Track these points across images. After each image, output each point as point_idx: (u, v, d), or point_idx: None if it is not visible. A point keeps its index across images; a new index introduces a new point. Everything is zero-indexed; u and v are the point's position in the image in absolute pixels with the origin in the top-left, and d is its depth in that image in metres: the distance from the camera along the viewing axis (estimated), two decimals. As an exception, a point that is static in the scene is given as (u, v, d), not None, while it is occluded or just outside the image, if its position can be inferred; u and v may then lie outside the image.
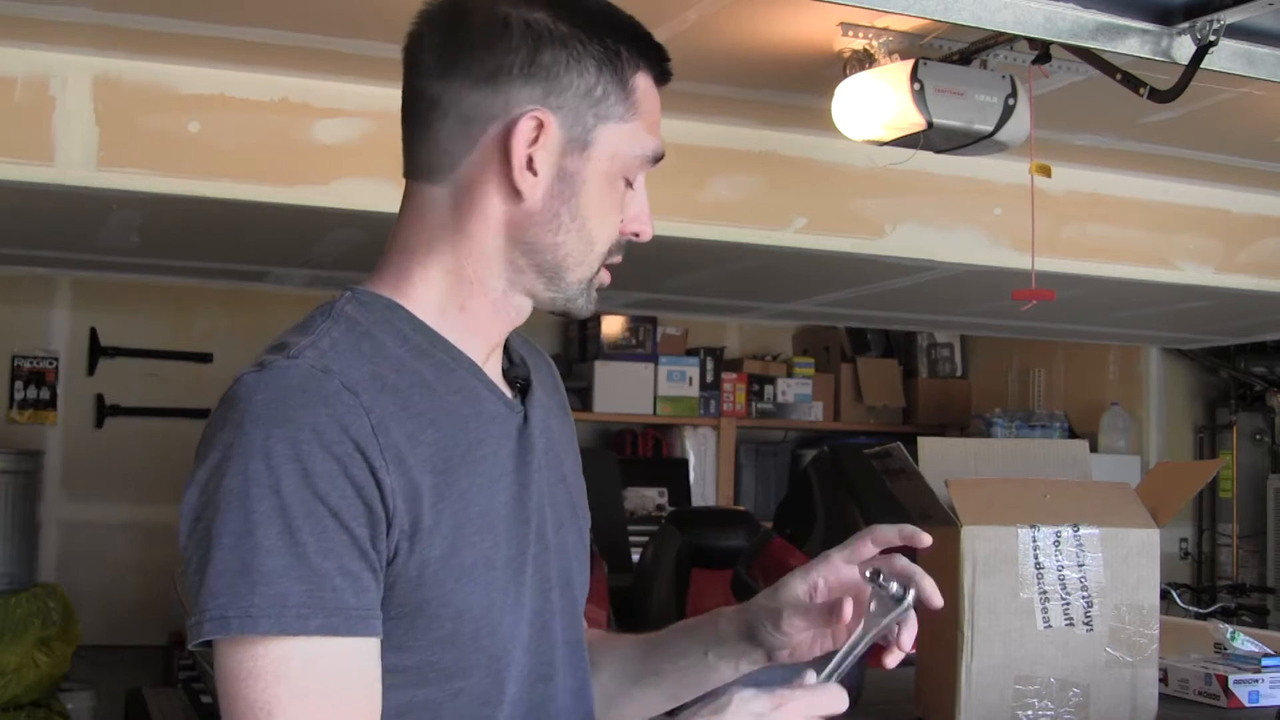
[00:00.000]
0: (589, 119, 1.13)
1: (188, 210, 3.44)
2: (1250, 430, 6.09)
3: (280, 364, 1.05)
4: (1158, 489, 2.14)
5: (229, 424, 1.04)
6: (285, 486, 1.00)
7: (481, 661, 1.10)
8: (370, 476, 1.03)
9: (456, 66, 1.13)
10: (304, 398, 1.03)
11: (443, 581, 1.07)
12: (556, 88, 1.12)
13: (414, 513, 1.05)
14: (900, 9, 2.15)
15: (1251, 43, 2.27)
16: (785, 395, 6.60)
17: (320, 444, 1.01)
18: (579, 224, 1.15)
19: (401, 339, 1.12)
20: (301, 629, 0.99)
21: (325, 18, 2.85)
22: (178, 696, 5.26)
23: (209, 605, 1.00)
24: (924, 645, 2.17)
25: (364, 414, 1.04)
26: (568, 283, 1.17)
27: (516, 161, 1.12)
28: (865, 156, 3.54)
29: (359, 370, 1.07)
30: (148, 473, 5.89)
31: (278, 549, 1.00)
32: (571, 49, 1.12)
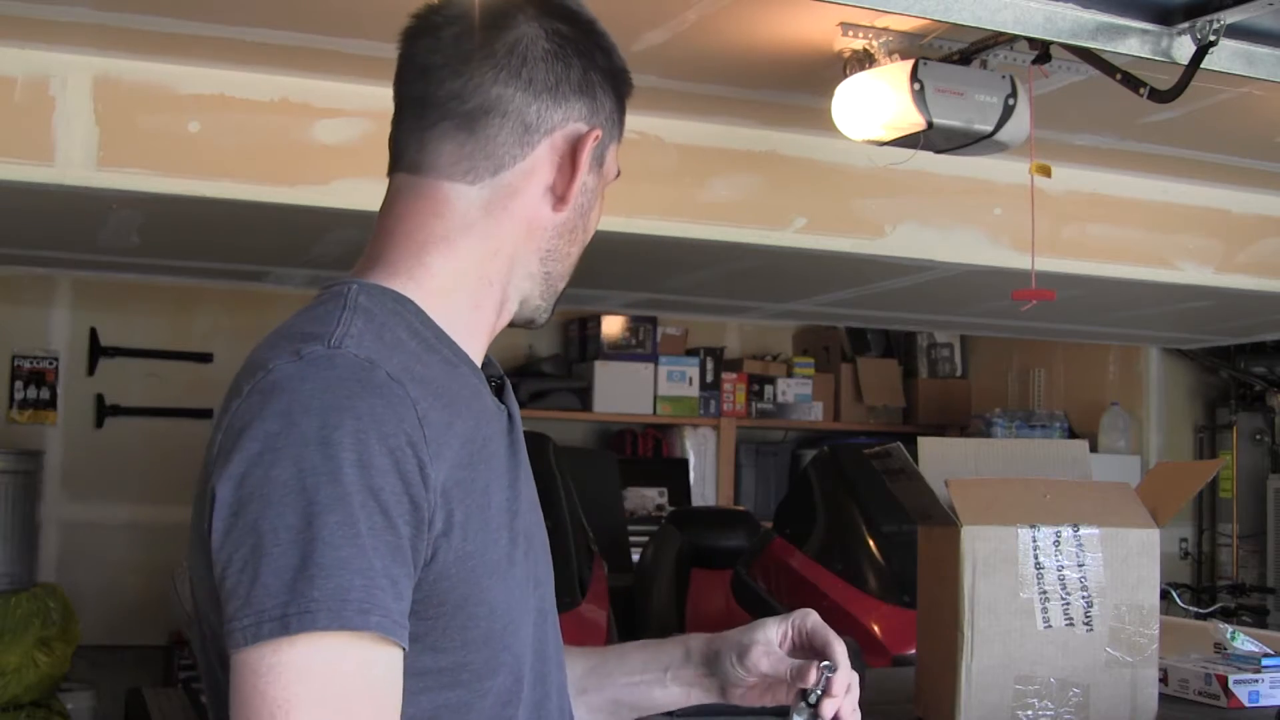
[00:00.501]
0: (608, 139, 1.18)
1: (188, 210, 3.44)
2: (1250, 430, 6.09)
3: (321, 352, 1.01)
4: (1158, 489, 2.14)
5: (270, 414, 0.98)
6: (345, 477, 0.95)
7: (508, 661, 1.09)
8: (418, 471, 0.99)
9: (520, 74, 1.12)
10: (357, 387, 0.99)
11: (479, 578, 1.05)
12: (596, 106, 1.16)
13: (449, 507, 1.02)
14: (900, 9, 2.15)
15: (1251, 43, 2.27)
16: (785, 395, 6.60)
17: (378, 435, 0.97)
18: (585, 236, 1.20)
19: (412, 332, 1.09)
20: (362, 624, 0.94)
21: (325, 18, 2.85)
22: (178, 696, 5.26)
23: (266, 605, 0.93)
24: (924, 645, 2.18)
25: (411, 405, 1.01)
26: (556, 291, 1.20)
27: (581, 174, 1.15)
28: (865, 156, 3.54)
29: (393, 361, 1.03)
30: (148, 473, 5.89)
31: (337, 541, 0.94)
32: (602, 70, 1.17)
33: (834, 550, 4.01)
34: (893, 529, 3.85)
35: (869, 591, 3.82)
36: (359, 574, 0.94)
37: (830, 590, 3.87)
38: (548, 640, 1.18)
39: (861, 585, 3.85)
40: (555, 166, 1.14)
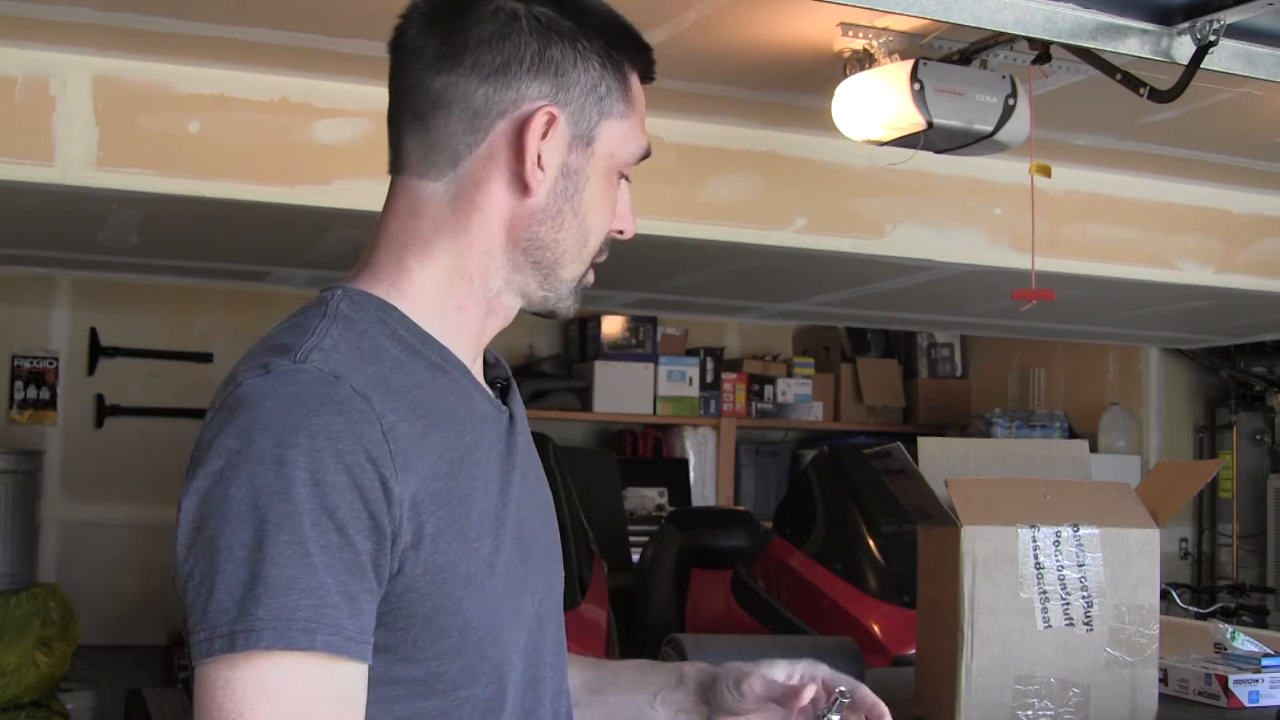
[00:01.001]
0: (593, 115, 1.13)
1: (188, 210, 3.44)
2: (1250, 430, 6.09)
3: (287, 368, 1.01)
4: (1158, 489, 2.14)
5: (233, 430, 0.99)
6: (296, 495, 0.96)
7: (486, 670, 1.08)
8: (380, 486, 0.99)
9: (464, 60, 1.10)
10: (316, 404, 0.99)
11: (450, 589, 1.04)
12: (564, 83, 1.11)
13: (418, 520, 1.02)
14: (900, 9, 2.15)
15: (1251, 43, 2.27)
16: (785, 395, 6.60)
17: (334, 453, 0.97)
18: (579, 220, 1.14)
19: (396, 339, 1.08)
20: (308, 644, 0.95)
21: (325, 18, 2.85)
22: (178, 696, 5.26)
23: (218, 622, 0.95)
24: (924, 645, 2.18)
25: (376, 420, 1.00)
26: (561, 280, 1.16)
27: (529, 156, 1.10)
28: (865, 156, 3.54)
29: (364, 373, 1.03)
30: (148, 473, 5.89)
31: (285, 560, 0.95)
32: (578, 45, 1.12)
33: (834, 550, 4.01)
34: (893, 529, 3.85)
35: (869, 591, 3.82)
36: (306, 594, 0.95)
37: (830, 590, 3.87)
38: (544, 645, 1.17)
39: (861, 585, 3.84)
40: (513, 151, 1.11)
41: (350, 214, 3.42)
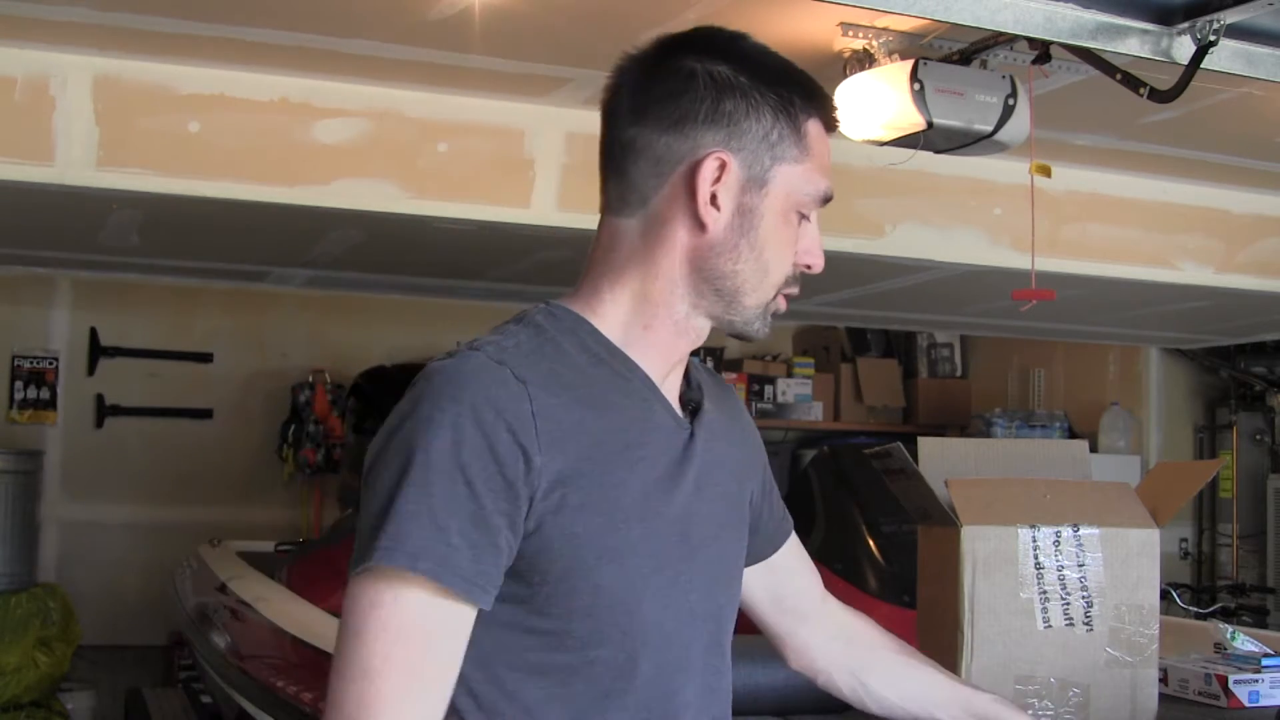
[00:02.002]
0: (766, 160, 1.27)
1: (188, 210, 3.44)
2: (1250, 430, 6.09)
3: (464, 353, 1.20)
4: (1158, 489, 2.14)
5: (410, 397, 1.18)
6: (435, 450, 1.13)
7: (615, 637, 1.21)
8: (519, 455, 1.15)
9: (649, 114, 1.26)
10: (473, 381, 1.17)
11: (584, 557, 1.18)
12: (737, 132, 1.26)
13: (563, 490, 1.17)
14: (900, 9, 2.15)
15: (1251, 43, 2.27)
16: (785, 395, 6.60)
17: (475, 420, 1.14)
18: (756, 254, 1.28)
19: (583, 348, 1.25)
20: (411, 565, 1.11)
21: (325, 18, 2.85)
22: (178, 696, 5.27)
23: (360, 542, 1.14)
24: (924, 645, 2.18)
25: (527, 400, 1.17)
26: (744, 306, 1.30)
27: (701, 197, 1.25)
28: (865, 156, 3.54)
29: (536, 367, 1.20)
30: (148, 473, 5.89)
31: (412, 497, 1.12)
32: (750, 98, 1.26)
33: (834, 550, 4.00)
34: (893, 529, 3.84)
35: (869, 591, 3.82)
36: (421, 528, 1.12)
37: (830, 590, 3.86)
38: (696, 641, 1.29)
39: (861, 585, 3.84)
40: (690, 192, 1.25)
41: (350, 214, 3.42)
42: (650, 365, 1.29)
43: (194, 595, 4.64)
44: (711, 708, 1.33)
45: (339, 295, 5.48)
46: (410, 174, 3.29)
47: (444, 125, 3.26)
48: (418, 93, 3.26)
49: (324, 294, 5.51)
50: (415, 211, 3.34)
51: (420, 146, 3.30)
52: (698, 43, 1.29)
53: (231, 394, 6.07)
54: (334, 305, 5.91)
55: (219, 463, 5.85)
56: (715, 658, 1.34)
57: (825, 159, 1.32)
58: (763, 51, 1.31)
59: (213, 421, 6.04)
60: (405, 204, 3.31)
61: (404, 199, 3.32)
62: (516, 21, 2.71)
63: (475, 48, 2.92)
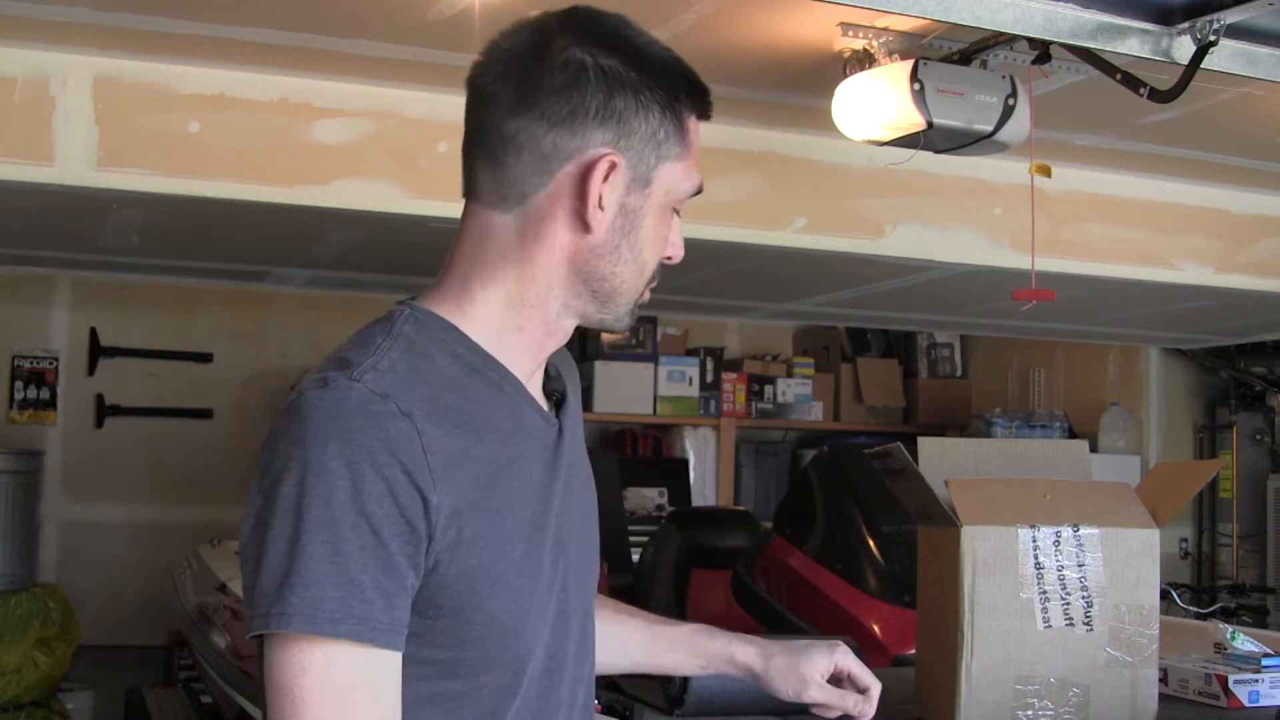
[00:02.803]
0: (651, 159, 1.23)
1: (188, 210, 3.44)
2: (1250, 430, 6.09)
3: (342, 384, 1.13)
4: (1158, 489, 2.14)
5: (291, 436, 1.11)
6: (336, 500, 1.08)
7: (506, 660, 1.20)
8: (417, 496, 1.11)
9: (534, 107, 1.19)
10: (360, 420, 1.11)
11: (478, 589, 1.16)
12: (626, 131, 1.21)
13: (457, 525, 1.14)
14: (900, 9, 2.15)
15: (1251, 43, 2.27)
16: (785, 395, 6.60)
17: (371, 465, 1.09)
18: (635, 254, 1.24)
19: (454, 357, 1.20)
20: (331, 632, 1.08)
21: (325, 18, 2.85)
22: (178, 696, 5.27)
23: (260, 603, 1.09)
24: (924, 645, 2.18)
25: (417, 437, 1.12)
26: (618, 305, 1.27)
27: (591, 199, 1.20)
28: (865, 156, 3.54)
29: (415, 393, 1.14)
30: (148, 473, 5.89)
31: (320, 556, 1.08)
32: (640, 95, 1.21)
33: (834, 550, 4.00)
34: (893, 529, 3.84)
35: (869, 591, 3.82)
36: (336, 587, 1.08)
37: (830, 590, 3.87)
38: (568, 637, 1.28)
39: (861, 585, 3.84)
40: (576, 193, 1.20)
41: (350, 214, 3.42)
42: (519, 367, 1.25)
43: (194, 595, 4.64)
44: (577, 696, 1.31)
45: (339, 295, 5.48)
46: (410, 174, 3.29)
47: (444, 125, 3.26)
48: (418, 93, 3.26)
49: (324, 294, 5.50)
50: (415, 211, 3.34)
51: (420, 146, 3.30)
52: (583, 29, 1.21)
53: (231, 394, 6.07)
54: (334, 305, 5.91)
55: (219, 463, 5.85)
56: (583, 649, 1.32)
57: (697, 152, 1.28)
58: (649, 43, 1.24)
59: (213, 421, 6.04)
60: (405, 204, 3.31)
61: (404, 199, 3.32)
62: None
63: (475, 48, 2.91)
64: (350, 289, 5.13)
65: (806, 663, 1.54)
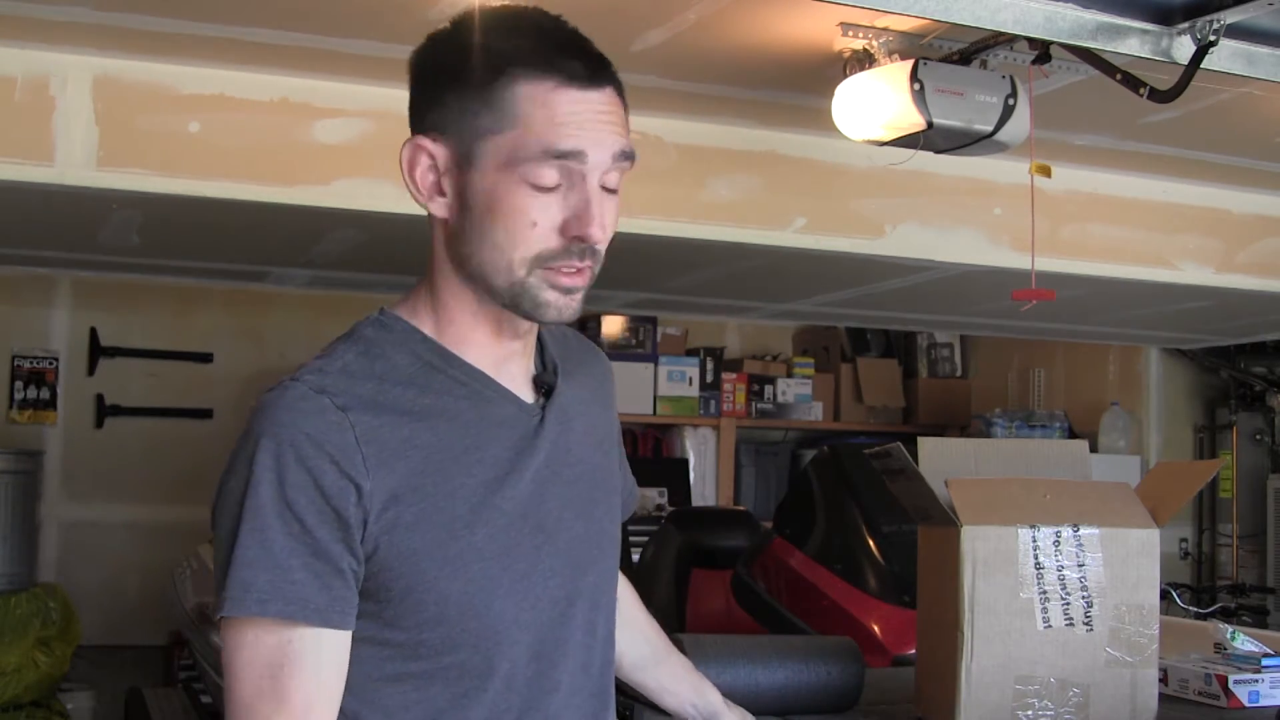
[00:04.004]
0: (468, 136, 1.22)
1: (188, 210, 3.44)
2: (1250, 430, 6.08)
3: (286, 384, 1.21)
4: (1158, 489, 2.14)
5: (243, 435, 1.22)
6: (262, 493, 1.16)
7: (469, 640, 1.23)
8: (347, 484, 1.17)
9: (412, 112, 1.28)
10: (290, 415, 1.18)
11: (424, 570, 1.20)
12: (444, 113, 1.23)
13: (395, 509, 1.19)
14: (900, 9, 2.15)
15: (1251, 43, 2.27)
16: (785, 395, 6.60)
17: (295, 457, 1.16)
18: (480, 233, 1.23)
19: (415, 356, 1.25)
20: (261, 611, 1.15)
21: (325, 18, 2.85)
22: (178, 696, 5.26)
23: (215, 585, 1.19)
24: (924, 645, 2.18)
25: (349, 429, 1.18)
26: (498, 289, 1.24)
27: (411, 186, 1.27)
28: (865, 156, 3.54)
29: (360, 388, 1.21)
30: (148, 473, 5.89)
31: (249, 543, 1.16)
32: (456, 73, 1.22)
33: (834, 550, 4.00)
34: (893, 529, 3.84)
35: (869, 591, 3.82)
36: (265, 570, 1.15)
37: (830, 590, 3.86)
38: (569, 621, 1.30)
39: (861, 585, 3.84)
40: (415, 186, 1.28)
41: (350, 214, 3.42)
42: (479, 359, 1.27)
43: (194, 595, 4.64)
44: (587, 685, 1.33)
45: (339, 295, 5.48)
46: (410, 174, 3.29)
47: (444, 125, 3.26)
48: (418, 93, 3.26)
49: (324, 294, 5.50)
50: (415, 211, 3.32)
51: (420, 146, 3.30)
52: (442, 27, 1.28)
53: (231, 394, 6.06)
54: (334, 305, 5.90)
55: (219, 463, 5.77)
56: (589, 635, 1.34)
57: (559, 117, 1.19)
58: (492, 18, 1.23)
59: (213, 421, 6.03)
60: (405, 204, 3.27)
61: (404, 199, 3.26)
62: (516, 21, 2.71)
63: (475, 48, 2.92)
64: (350, 289, 5.13)
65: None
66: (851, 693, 2.21)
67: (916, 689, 2.20)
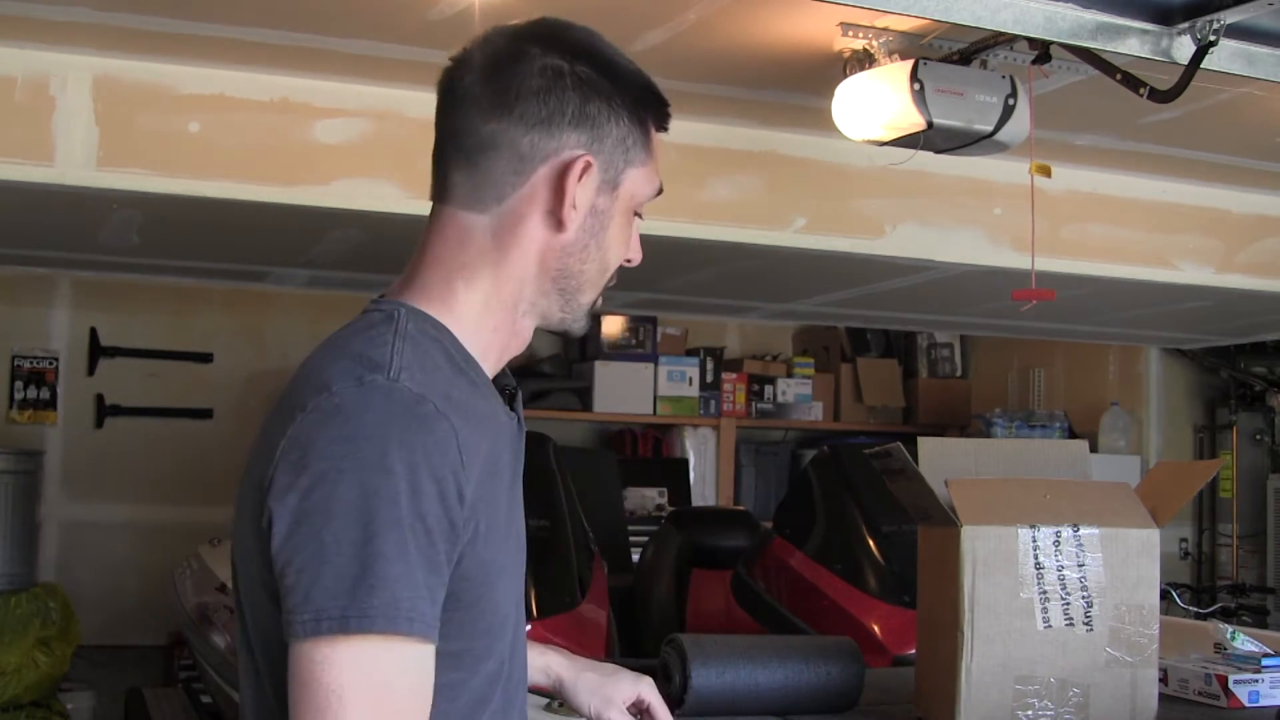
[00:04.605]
0: (620, 163, 1.28)
1: (188, 210, 3.44)
2: (1250, 430, 6.09)
3: (381, 384, 1.15)
4: (1158, 489, 2.14)
5: (336, 436, 1.12)
6: (401, 502, 1.10)
7: (499, 649, 1.26)
8: (457, 494, 1.14)
9: (514, 110, 1.24)
10: (412, 421, 1.13)
11: (491, 579, 1.21)
12: (599, 134, 1.27)
13: (476, 519, 1.18)
14: (900, 9, 2.15)
15: (1251, 43, 2.27)
16: (785, 395, 6.60)
17: (427, 467, 1.12)
18: (601, 254, 1.30)
19: (447, 357, 1.23)
20: (408, 630, 1.10)
21: (325, 18, 2.85)
22: (178, 696, 5.27)
23: (326, 605, 1.09)
24: (924, 645, 2.18)
25: (454, 436, 1.15)
26: (580, 305, 1.32)
27: (568, 197, 1.25)
28: (865, 156, 3.54)
29: (438, 391, 1.17)
30: (148, 473, 5.89)
31: (394, 557, 1.10)
32: (612, 101, 1.27)
33: (834, 550, 4.00)
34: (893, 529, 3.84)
35: (869, 591, 3.82)
36: (408, 588, 1.10)
37: (830, 590, 3.86)
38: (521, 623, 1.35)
39: (861, 585, 3.84)
40: (551, 192, 1.26)
41: (350, 214, 3.42)
42: (489, 367, 1.30)
43: (194, 595, 4.64)
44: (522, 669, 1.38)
45: (339, 295, 5.48)
46: (410, 174, 3.29)
47: (444, 125, 3.26)
48: (418, 93, 3.26)
49: (324, 294, 5.50)
50: (415, 211, 3.33)
51: (420, 146, 3.27)
52: (556, 38, 1.28)
53: (231, 394, 6.07)
54: (334, 305, 5.89)
55: (219, 463, 5.85)
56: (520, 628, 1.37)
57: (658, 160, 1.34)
58: (617, 53, 1.30)
59: (213, 421, 6.04)
60: (405, 204, 3.31)
61: (404, 199, 3.32)
62: (516, 21, 2.72)
63: (475, 48, 2.93)
64: (350, 289, 5.13)
65: (613, 685, 1.62)
66: (851, 693, 2.21)
67: (916, 689, 2.20)
